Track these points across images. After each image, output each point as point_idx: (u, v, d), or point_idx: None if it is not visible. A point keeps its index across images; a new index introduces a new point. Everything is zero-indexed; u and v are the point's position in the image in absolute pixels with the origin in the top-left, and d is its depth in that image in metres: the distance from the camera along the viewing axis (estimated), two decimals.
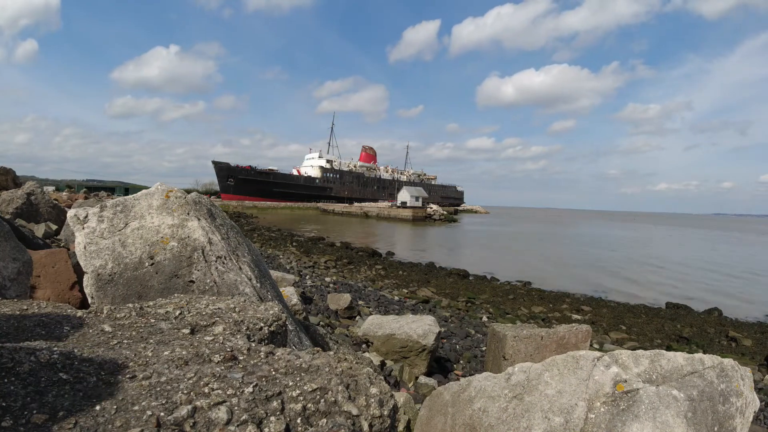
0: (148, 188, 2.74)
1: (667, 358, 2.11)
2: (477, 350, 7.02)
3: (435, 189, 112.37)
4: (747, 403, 2.09)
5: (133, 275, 2.34)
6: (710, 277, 21.70)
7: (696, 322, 12.51)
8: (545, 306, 13.52)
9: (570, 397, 1.97)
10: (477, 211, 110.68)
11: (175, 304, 1.73)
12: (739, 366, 2.20)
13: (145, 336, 1.38)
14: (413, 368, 4.92)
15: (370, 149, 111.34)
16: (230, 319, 1.62)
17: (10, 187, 10.23)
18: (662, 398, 1.89)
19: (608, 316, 12.77)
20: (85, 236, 2.39)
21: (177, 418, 0.91)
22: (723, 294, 17.53)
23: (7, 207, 7.02)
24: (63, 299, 2.80)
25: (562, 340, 4.17)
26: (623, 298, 15.54)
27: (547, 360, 2.20)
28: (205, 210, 2.72)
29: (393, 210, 66.06)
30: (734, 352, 9.98)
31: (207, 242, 2.49)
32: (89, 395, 0.96)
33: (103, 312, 1.58)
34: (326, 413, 1.05)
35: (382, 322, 5.41)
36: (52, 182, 62.74)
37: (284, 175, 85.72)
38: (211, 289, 2.38)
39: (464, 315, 11.25)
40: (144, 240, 2.42)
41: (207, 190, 79.58)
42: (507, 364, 3.87)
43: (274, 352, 1.32)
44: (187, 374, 1.09)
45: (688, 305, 14.57)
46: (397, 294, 13.11)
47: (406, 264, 20.94)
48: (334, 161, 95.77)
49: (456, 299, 13.40)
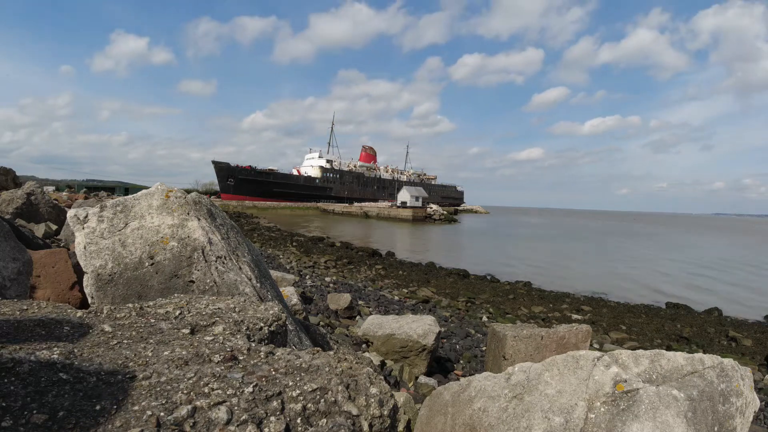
0: (148, 188, 2.74)
1: (667, 358, 2.11)
2: (477, 350, 7.02)
3: (435, 189, 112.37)
4: (747, 403, 2.09)
5: (133, 275, 2.34)
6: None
7: (696, 322, 12.51)
8: (545, 306, 13.52)
9: (570, 397, 1.97)
10: (477, 211, 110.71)
11: (175, 304, 1.73)
12: (739, 366, 2.20)
13: (145, 336, 1.38)
14: (413, 368, 4.92)
15: (370, 149, 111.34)
16: (230, 319, 1.62)
17: (10, 187, 10.23)
18: (662, 398, 1.89)
19: (608, 316, 12.77)
20: (85, 236, 2.39)
21: (177, 418, 0.91)
22: (723, 294, 17.54)
23: (7, 207, 7.02)
24: (63, 299, 2.80)
25: (562, 340, 4.17)
26: (623, 298, 15.54)
27: (547, 360, 2.20)
28: (205, 210, 2.72)
29: (393, 210, 66.05)
30: (734, 352, 9.98)
31: (207, 242, 2.49)
32: (89, 395, 0.96)
33: (103, 312, 1.58)
34: (326, 413, 1.05)
35: (382, 322, 5.41)
36: (52, 182, 62.74)
37: (284, 175, 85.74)
38: (211, 289, 2.38)
39: (464, 315, 11.25)
40: (144, 240, 2.42)
41: (207, 190, 79.57)
42: (507, 364, 3.87)
43: (274, 352, 1.32)
44: (187, 374, 1.09)
45: (688, 305, 14.57)
46: (397, 294, 13.11)
47: (406, 264, 20.93)
48: (334, 161, 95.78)
49: (456, 299, 13.40)
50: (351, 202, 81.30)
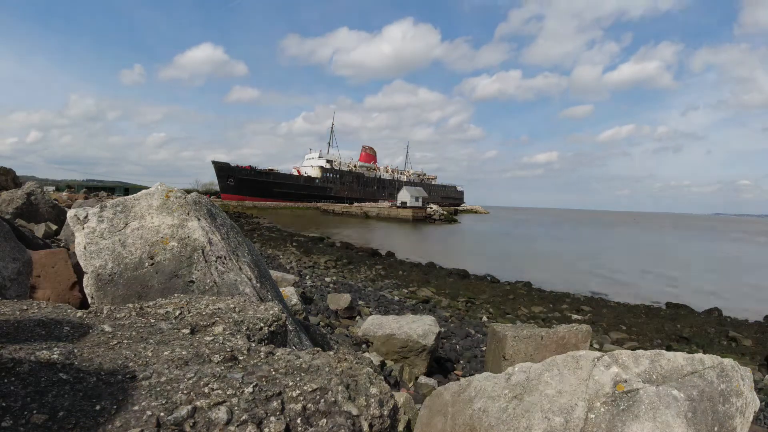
0: (148, 188, 2.74)
1: (667, 358, 2.11)
2: (477, 350, 7.02)
3: (435, 189, 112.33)
4: (747, 403, 2.09)
5: (133, 275, 2.34)
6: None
7: (696, 322, 12.51)
8: (545, 306, 13.52)
9: (570, 397, 1.97)
10: (477, 211, 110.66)
11: (175, 305, 1.73)
12: (739, 366, 2.20)
13: (145, 336, 1.38)
14: (413, 368, 4.92)
15: (370, 149, 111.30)
16: (230, 319, 1.62)
17: (10, 187, 10.22)
18: (662, 398, 1.89)
19: (608, 316, 12.77)
20: (85, 236, 2.39)
21: (177, 418, 0.91)
22: (723, 294, 17.53)
23: (7, 207, 7.01)
24: (63, 299, 2.80)
25: (562, 340, 4.17)
26: (623, 298, 15.53)
27: (547, 360, 2.20)
28: (205, 210, 2.72)
29: (393, 210, 66.03)
30: (734, 352, 9.98)
31: (207, 242, 2.49)
32: (89, 395, 0.96)
33: (103, 312, 1.58)
34: (326, 413, 1.05)
35: (382, 322, 5.41)
36: (52, 182, 62.72)
37: (284, 175, 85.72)
38: (211, 289, 2.38)
39: (464, 315, 11.25)
40: (144, 240, 2.42)
41: (207, 190, 79.51)
42: (507, 364, 3.87)
43: (274, 352, 1.32)
44: (187, 374, 1.09)
45: (688, 305, 14.57)
46: (397, 294, 13.11)
47: (406, 264, 20.93)
48: (334, 161, 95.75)
49: (456, 299, 13.40)
50: (351, 202, 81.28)
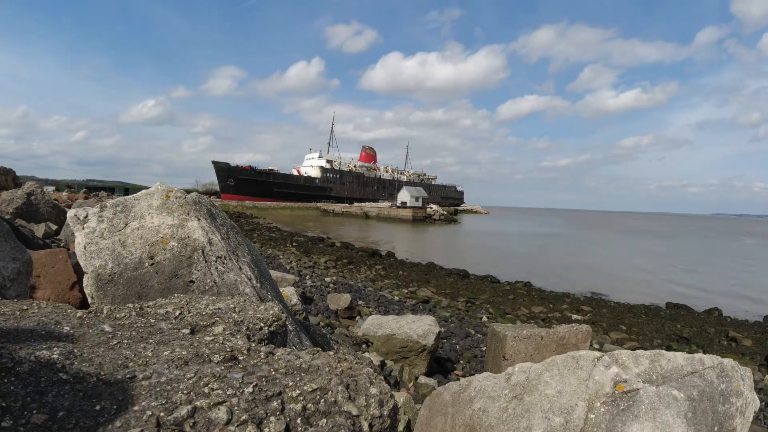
0: (148, 188, 2.74)
1: (667, 358, 2.11)
2: (477, 350, 7.02)
3: (435, 189, 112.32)
4: (747, 403, 2.09)
5: (133, 275, 2.34)
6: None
7: (696, 322, 12.51)
8: (545, 306, 13.52)
9: (570, 397, 1.97)
10: (477, 212, 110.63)
11: (175, 305, 1.73)
12: (739, 366, 2.20)
13: (145, 336, 1.38)
14: (413, 368, 4.92)
15: (370, 149, 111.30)
16: (230, 319, 1.62)
17: (10, 187, 10.22)
18: (662, 398, 1.89)
19: (608, 316, 12.77)
20: (85, 236, 2.39)
21: (177, 418, 0.91)
22: (723, 294, 17.54)
23: (7, 207, 7.01)
24: (63, 299, 2.80)
25: (562, 340, 4.17)
26: (623, 298, 15.54)
27: (547, 360, 2.20)
28: (205, 210, 2.72)
29: (393, 210, 66.03)
30: (734, 352, 9.98)
31: (207, 242, 2.49)
32: (89, 395, 0.96)
33: (103, 312, 1.58)
34: (326, 413, 1.05)
35: (382, 322, 5.41)
36: (52, 182, 62.68)
37: (284, 175, 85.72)
38: (211, 289, 2.38)
39: (464, 315, 11.25)
40: (144, 240, 2.42)
41: (207, 190, 79.48)
42: (507, 364, 3.87)
43: (274, 352, 1.32)
44: (187, 374, 1.09)
45: (688, 305, 14.57)
46: (397, 294, 13.11)
47: (406, 264, 20.93)
48: (334, 161, 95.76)
49: (456, 299, 13.40)
50: (351, 202, 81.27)
